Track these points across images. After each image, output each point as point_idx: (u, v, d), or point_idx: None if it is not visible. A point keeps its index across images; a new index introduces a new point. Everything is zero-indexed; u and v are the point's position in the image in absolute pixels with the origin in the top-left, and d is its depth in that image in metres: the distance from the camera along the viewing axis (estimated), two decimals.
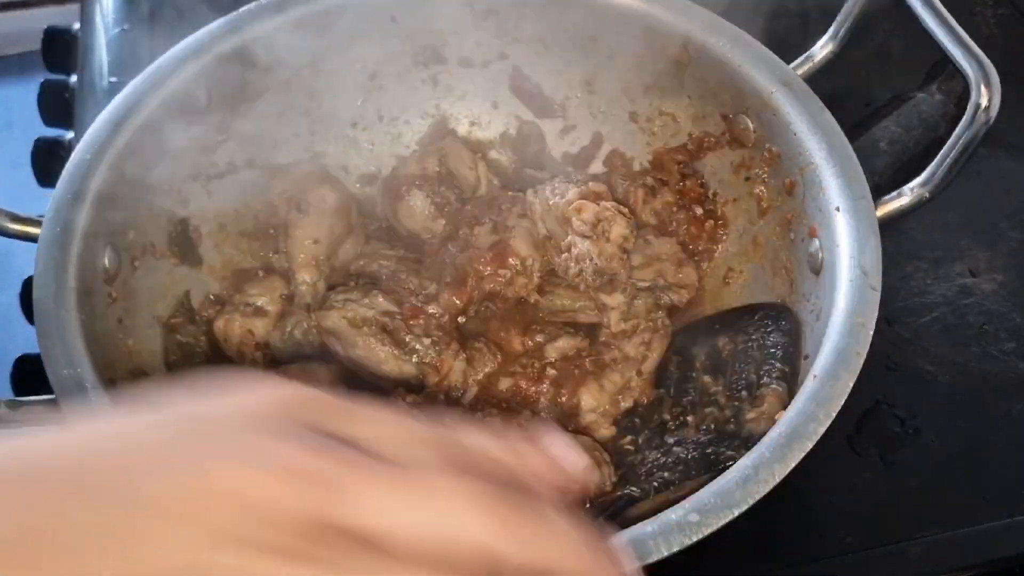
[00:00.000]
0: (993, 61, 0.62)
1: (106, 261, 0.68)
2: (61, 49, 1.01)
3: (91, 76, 0.94)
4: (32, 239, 0.66)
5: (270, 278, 0.77)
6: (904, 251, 0.70)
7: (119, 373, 0.65)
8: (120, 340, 0.68)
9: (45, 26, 1.02)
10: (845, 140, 0.68)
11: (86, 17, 1.00)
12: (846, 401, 0.56)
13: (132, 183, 0.72)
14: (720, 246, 0.78)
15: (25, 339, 0.60)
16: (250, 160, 0.81)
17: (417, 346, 0.69)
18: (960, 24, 0.64)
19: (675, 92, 0.80)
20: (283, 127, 0.82)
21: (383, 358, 0.69)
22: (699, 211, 0.79)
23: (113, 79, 0.91)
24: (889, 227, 0.64)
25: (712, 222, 0.78)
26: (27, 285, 0.73)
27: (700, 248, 0.78)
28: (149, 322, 0.72)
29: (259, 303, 0.75)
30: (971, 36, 0.64)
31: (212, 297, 0.77)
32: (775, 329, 0.69)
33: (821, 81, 0.72)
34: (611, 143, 0.85)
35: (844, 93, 0.74)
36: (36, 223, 0.66)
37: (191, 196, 0.78)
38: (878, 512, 0.70)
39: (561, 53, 0.83)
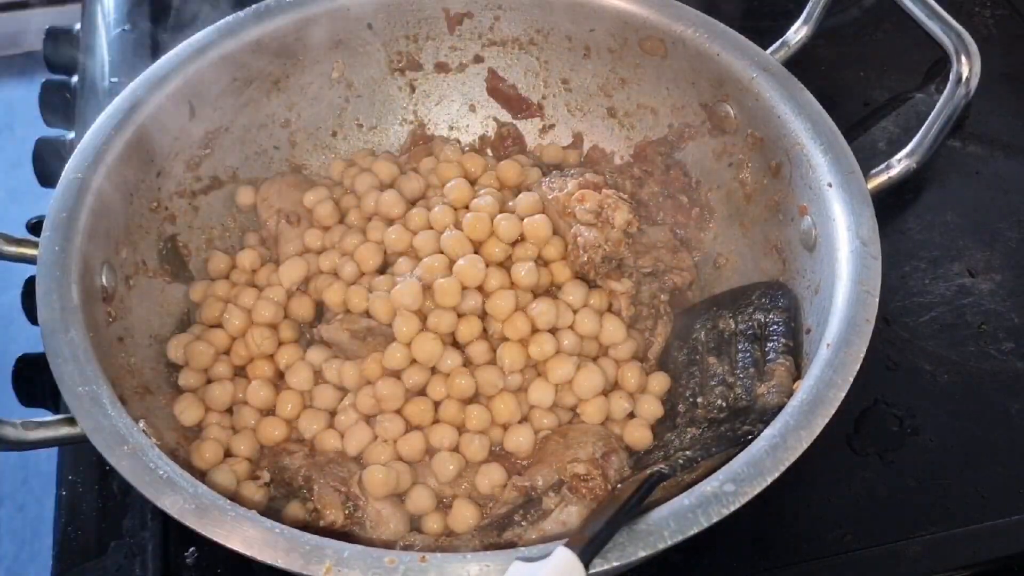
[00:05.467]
0: (991, 61, 0.63)
1: (103, 280, 0.67)
2: (62, 49, 1.00)
3: (92, 77, 0.93)
4: (28, 260, 0.65)
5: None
6: (903, 251, 0.71)
7: (126, 391, 0.64)
8: (123, 359, 0.67)
9: (47, 26, 1.02)
10: (828, 118, 0.70)
11: (87, 17, 0.99)
12: (844, 400, 0.57)
13: (122, 201, 0.71)
14: (708, 232, 0.79)
15: (26, 338, 0.59)
16: (234, 174, 0.81)
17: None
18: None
19: (653, 85, 0.81)
20: (264, 139, 0.82)
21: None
22: (684, 200, 0.80)
23: (114, 79, 0.90)
24: (887, 222, 0.65)
25: (698, 209, 0.80)
26: (28, 285, 0.71)
27: (688, 235, 0.79)
28: (148, 340, 0.71)
29: None
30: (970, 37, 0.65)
31: None
32: (774, 306, 0.70)
33: (820, 82, 0.73)
34: (591, 139, 0.86)
35: (843, 94, 0.75)
36: (32, 244, 0.65)
37: (178, 212, 0.77)
38: (877, 511, 0.70)
39: (537, 53, 0.84)
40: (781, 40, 0.77)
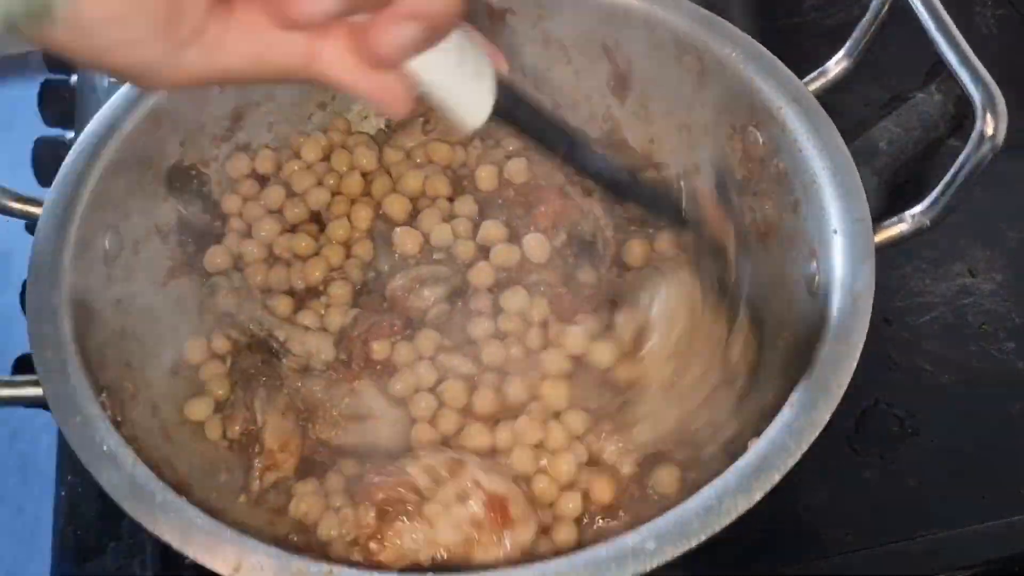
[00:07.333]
0: (991, 62, 0.62)
1: (107, 243, 0.68)
2: None
3: (92, 76, 0.95)
4: (32, 217, 0.67)
5: None
6: (903, 250, 0.69)
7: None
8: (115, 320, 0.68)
9: None
10: (850, 160, 0.67)
11: None
12: (844, 401, 0.56)
13: (141, 161, 0.72)
14: None
15: (26, 339, 0.61)
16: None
17: None
18: (959, 25, 0.63)
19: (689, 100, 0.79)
20: (296, 118, 0.83)
21: None
22: None
23: (113, 79, 0.91)
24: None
25: None
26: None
27: None
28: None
29: None
30: (970, 36, 0.63)
31: None
32: None
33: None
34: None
35: (842, 93, 0.73)
36: (37, 203, 0.67)
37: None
38: (877, 511, 0.70)
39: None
40: (820, 69, 0.73)
